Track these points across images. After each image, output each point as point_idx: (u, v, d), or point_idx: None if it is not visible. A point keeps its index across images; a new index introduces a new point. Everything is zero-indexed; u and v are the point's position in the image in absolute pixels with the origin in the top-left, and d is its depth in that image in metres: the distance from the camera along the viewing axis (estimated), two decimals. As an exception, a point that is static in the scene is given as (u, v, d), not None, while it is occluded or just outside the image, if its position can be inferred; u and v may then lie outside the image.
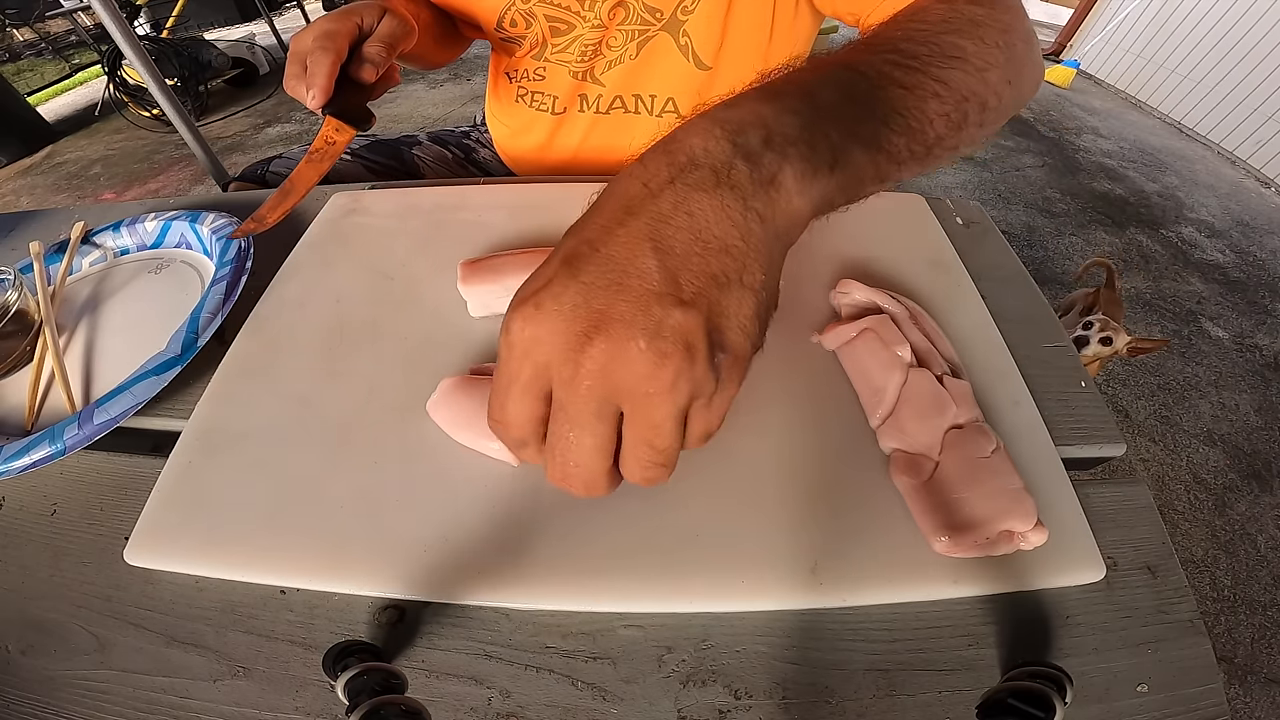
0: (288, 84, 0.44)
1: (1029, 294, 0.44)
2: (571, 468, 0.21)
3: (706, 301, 0.19)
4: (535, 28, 0.54)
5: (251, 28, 3.50)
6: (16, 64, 3.34)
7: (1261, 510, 1.22)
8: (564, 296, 0.19)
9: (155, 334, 0.38)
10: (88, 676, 0.27)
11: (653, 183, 0.20)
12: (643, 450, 0.20)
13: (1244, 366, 1.54)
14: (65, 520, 0.32)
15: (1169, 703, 0.26)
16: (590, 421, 0.20)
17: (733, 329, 0.19)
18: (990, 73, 0.30)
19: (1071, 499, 0.31)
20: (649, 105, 0.59)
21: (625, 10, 0.52)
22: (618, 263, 0.19)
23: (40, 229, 0.52)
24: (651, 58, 0.55)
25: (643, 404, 0.19)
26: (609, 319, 0.18)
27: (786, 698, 0.26)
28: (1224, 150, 2.53)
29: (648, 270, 0.19)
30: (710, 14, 0.51)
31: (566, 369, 0.19)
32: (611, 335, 0.18)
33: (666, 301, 0.18)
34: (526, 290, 0.20)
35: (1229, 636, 1.03)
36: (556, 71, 0.58)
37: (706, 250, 0.19)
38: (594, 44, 0.54)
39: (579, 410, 0.20)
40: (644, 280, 0.19)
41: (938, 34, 0.30)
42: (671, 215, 0.19)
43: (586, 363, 0.19)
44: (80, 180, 2.36)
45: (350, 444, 0.33)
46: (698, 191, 0.20)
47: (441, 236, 0.46)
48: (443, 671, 0.27)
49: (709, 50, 0.54)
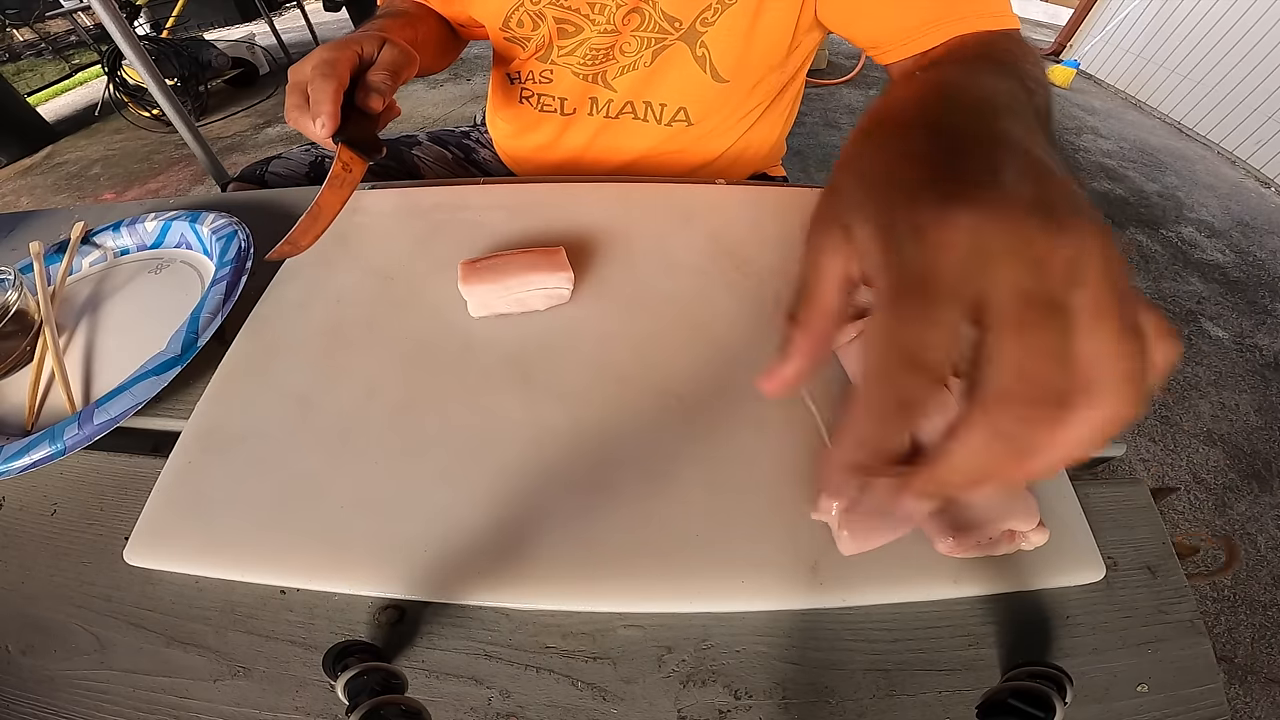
0: (290, 116, 0.43)
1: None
2: (1048, 391, 0.15)
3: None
4: (543, 29, 0.54)
5: (251, 28, 3.51)
6: (16, 64, 3.34)
7: (1261, 510, 1.22)
8: (1000, 185, 0.18)
9: (155, 334, 0.38)
10: (88, 676, 0.27)
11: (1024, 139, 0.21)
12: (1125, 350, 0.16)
13: (1244, 366, 1.54)
14: (65, 520, 0.32)
15: (1169, 703, 0.26)
16: (1063, 292, 0.16)
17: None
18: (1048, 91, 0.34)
19: (1072, 499, 0.31)
20: (658, 114, 0.59)
21: (641, 17, 0.51)
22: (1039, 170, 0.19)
23: (40, 229, 0.52)
24: (666, 66, 0.55)
25: (1109, 286, 0.16)
26: (1050, 201, 0.17)
27: (786, 698, 0.26)
28: (1224, 150, 2.53)
29: (1053, 180, 0.18)
30: (732, 27, 0.51)
31: (1029, 248, 0.16)
32: (1059, 213, 0.17)
33: (1069, 188, 0.18)
34: (899, 182, 0.19)
35: (1229, 636, 1.03)
36: (563, 74, 0.58)
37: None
38: (604, 48, 0.54)
39: (1054, 294, 0.16)
40: (1053, 188, 0.18)
41: (1023, 60, 0.35)
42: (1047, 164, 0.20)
43: (1048, 239, 0.16)
44: (80, 180, 2.36)
45: (350, 444, 0.33)
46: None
47: (441, 236, 0.46)
48: (443, 671, 0.27)
49: (728, 63, 0.53)
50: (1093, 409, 0.15)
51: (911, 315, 0.16)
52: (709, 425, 0.33)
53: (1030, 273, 0.16)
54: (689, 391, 0.35)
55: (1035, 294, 0.16)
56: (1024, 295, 0.16)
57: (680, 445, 0.32)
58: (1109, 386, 0.15)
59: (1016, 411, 0.15)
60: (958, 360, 0.16)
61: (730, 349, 0.37)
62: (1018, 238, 0.16)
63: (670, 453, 0.32)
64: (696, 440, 0.33)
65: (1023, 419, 0.15)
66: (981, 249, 0.16)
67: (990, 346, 0.16)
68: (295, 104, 0.42)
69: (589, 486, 0.31)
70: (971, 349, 0.16)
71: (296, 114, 0.42)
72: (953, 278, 0.16)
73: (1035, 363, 0.15)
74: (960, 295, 0.16)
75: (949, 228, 0.17)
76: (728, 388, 0.35)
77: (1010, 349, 0.16)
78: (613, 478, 0.31)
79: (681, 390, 0.35)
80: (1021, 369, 0.15)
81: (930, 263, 0.17)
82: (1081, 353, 0.15)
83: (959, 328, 0.16)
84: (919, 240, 0.17)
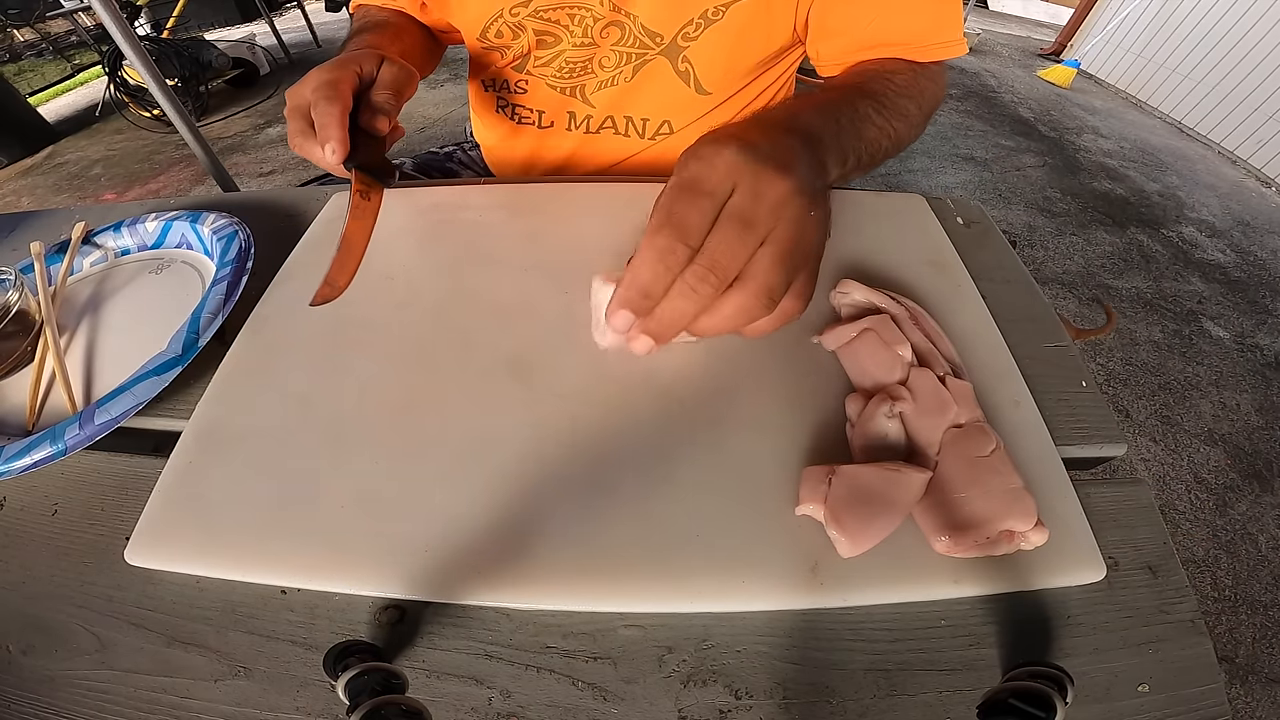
0: (294, 141, 0.41)
1: (1029, 294, 0.44)
2: (723, 258, 0.26)
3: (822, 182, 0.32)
4: (522, 39, 0.53)
5: (252, 28, 3.51)
6: (17, 64, 3.34)
7: (1262, 510, 1.22)
8: (762, 150, 0.28)
9: (156, 334, 0.38)
10: (88, 676, 0.27)
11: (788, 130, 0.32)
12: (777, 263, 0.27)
13: (1245, 366, 1.54)
14: (66, 520, 0.32)
15: (1170, 703, 0.26)
16: (765, 223, 0.27)
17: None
18: (914, 130, 0.46)
19: (1072, 499, 0.31)
20: (640, 128, 0.58)
21: (620, 31, 0.50)
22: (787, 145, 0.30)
23: (41, 229, 0.52)
24: (646, 81, 0.54)
25: (794, 232, 0.27)
26: (790, 171, 0.28)
27: (787, 698, 0.26)
28: (1224, 150, 2.53)
29: (804, 164, 0.30)
30: (715, 42, 0.50)
31: (758, 187, 0.27)
32: (790, 180, 0.27)
33: (814, 175, 0.30)
34: (718, 135, 0.29)
35: (1230, 636, 1.03)
36: (538, 85, 0.57)
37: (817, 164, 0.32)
38: (580, 61, 0.53)
39: (757, 213, 0.26)
40: (801, 168, 0.29)
41: (901, 96, 0.44)
42: (807, 154, 0.31)
43: (773, 189, 0.27)
44: (81, 180, 2.37)
45: (350, 444, 0.33)
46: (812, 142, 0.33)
47: (441, 236, 0.46)
48: (443, 671, 0.27)
49: (712, 77, 0.53)
50: (739, 293, 0.26)
51: (680, 199, 0.27)
52: (710, 425, 0.33)
53: (749, 199, 0.27)
54: (689, 392, 0.35)
55: (744, 211, 0.26)
56: (738, 209, 0.27)
57: (680, 445, 0.32)
58: (751, 287, 0.26)
59: (702, 270, 0.26)
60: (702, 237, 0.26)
61: (730, 349, 0.37)
62: (755, 178, 0.27)
63: (670, 453, 0.32)
64: (697, 440, 0.33)
65: (701, 276, 0.26)
66: (732, 175, 0.27)
67: (711, 233, 0.26)
68: (300, 130, 0.40)
69: (589, 486, 0.31)
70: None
71: (301, 140, 0.40)
72: (709, 185, 0.27)
73: (723, 247, 0.26)
74: (710, 195, 0.27)
75: (718, 158, 0.28)
76: (728, 388, 0.35)
77: (715, 234, 0.26)
78: (613, 478, 0.31)
79: (682, 391, 0.35)
80: (714, 247, 0.26)
81: (699, 173, 0.27)
82: (751, 257, 0.26)
83: (708, 214, 0.26)
84: (700, 160, 0.28)
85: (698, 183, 0.27)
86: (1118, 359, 1.54)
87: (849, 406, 0.34)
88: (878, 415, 0.32)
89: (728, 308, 0.27)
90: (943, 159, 2.40)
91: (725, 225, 0.26)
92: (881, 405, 0.32)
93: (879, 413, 0.32)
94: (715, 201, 0.27)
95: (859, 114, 0.40)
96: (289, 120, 0.41)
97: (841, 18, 0.48)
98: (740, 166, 0.27)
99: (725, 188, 0.27)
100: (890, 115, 0.42)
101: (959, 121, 2.68)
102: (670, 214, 0.27)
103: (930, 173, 2.30)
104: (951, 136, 2.55)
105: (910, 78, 0.46)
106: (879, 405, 0.32)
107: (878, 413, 0.32)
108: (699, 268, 0.26)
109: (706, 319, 0.27)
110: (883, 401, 0.32)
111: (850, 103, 0.40)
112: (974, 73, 3.17)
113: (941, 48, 0.47)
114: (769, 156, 0.28)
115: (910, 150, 2.42)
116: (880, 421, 0.32)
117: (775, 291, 0.27)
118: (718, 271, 0.26)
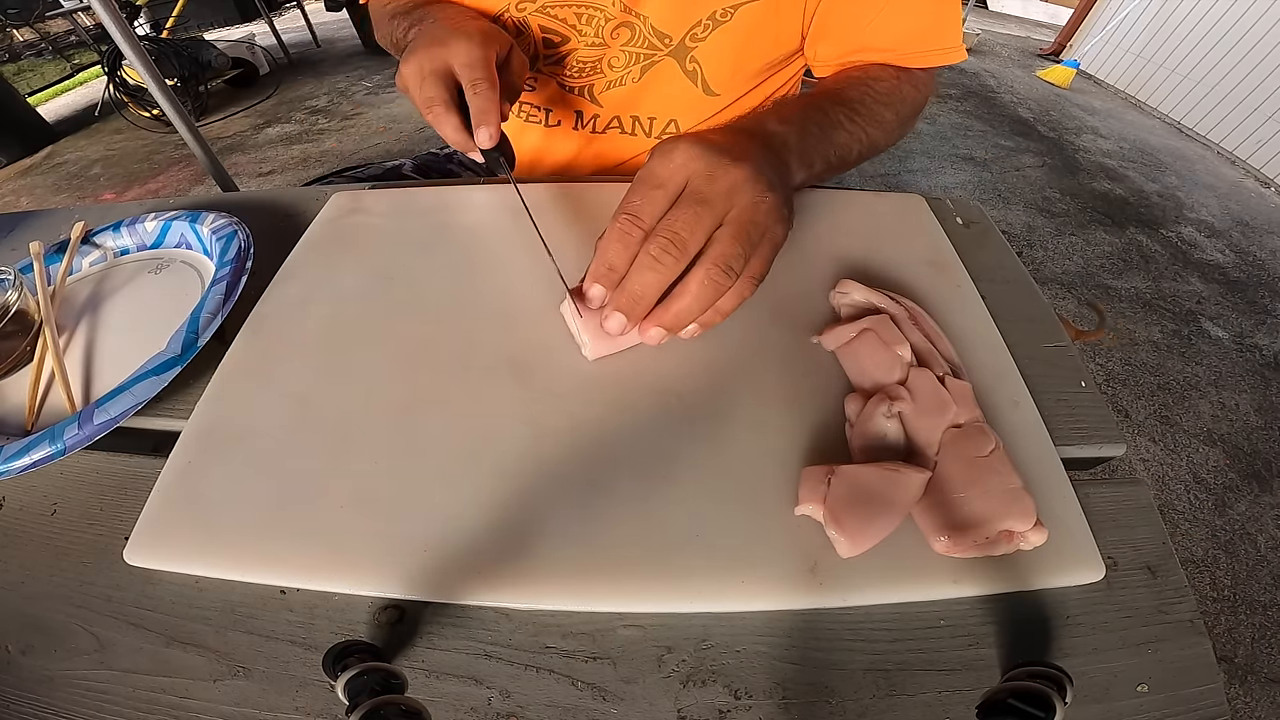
0: (434, 112, 0.38)
1: (1029, 294, 0.44)
2: (682, 231, 0.29)
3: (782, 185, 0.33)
4: (525, 37, 0.53)
5: (251, 28, 3.51)
6: (17, 64, 3.34)
7: (1262, 510, 1.23)
8: (717, 144, 0.31)
9: (155, 334, 0.37)
10: (88, 676, 0.27)
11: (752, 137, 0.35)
12: (733, 245, 0.30)
13: (1244, 366, 1.54)
14: (65, 520, 0.32)
15: (1169, 703, 0.26)
16: (720, 205, 0.29)
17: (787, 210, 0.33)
18: (890, 136, 0.48)
19: (1071, 499, 0.31)
20: (646, 127, 0.58)
21: (630, 31, 0.51)
22: (741, 145, 0.33)
23: (40, 229, 0.52)
24: (654, 82, 0.54)
25: (748, 214, 0.30)
26: (744, 161, 0.31)
27: (786, 698, 0.26)
28: (1224, 150, 2.53)
29: (761, 159, 0.33)
30: (723, 43, 0.50)
31: (712, 174, 0.30)
32: (743, 168, 0.30)
33: (772, 170, 0.33)
34: (679, 135, 0.33)
35: (1229, 636, 1.03)
36: (547, 83, 0.57)
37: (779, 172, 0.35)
38: (591, 61, 0.53)
39: (712, 195, 0.30)
40: (757, 160, 0.32)
41: (879, 103, 0.46)
42: (765, 152, 0.34)
43: (727, 176, 0.30)
44: (80, 180, 2.37)
45: (350, 444, 0.33)
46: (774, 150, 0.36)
47: (441, 236, 0.46)
48: (443, 671, 0.27)
49: (720, 78, 0.53)
50: (700, 267, 0.29)
51: (637, 188, 0.31)
52: (709, 425, 0.33)
53: (704, 183, 0.30)
54: (689, 392, 0.35)
55: (699, 193, 0.30)
56: (693, 191, 0.30)
57: (680, 445, 0.32)
58: (711, 256, 0.29)
59: (662, 242, 0.29)
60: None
61: (730, 349, 0.37)
62: (709, 166, 0.30)
63: (670, 453, 0.32)
64: (696, 440, 0.33)
65: (663, 247, 0.29)
66: (687, 165, 0.30)
67: (669, 213, 0.30)
68: (439, 99, 0.38)
69: (589, 486, 0.31)
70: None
71: (442, 110, 0.38)
72: (663, 176, 0.31)
73: (679, 222, 0.29)
74: (664, 184, 0.30)
75: (675, 151, 0.31)
76: (727, 388, 0.35)
77: (672, 213, 0.30)
78: (612, 478, 0.31)
79: (681, 390, 0.35)
80: (671, 222, 0.29)
81: (656, 167, 0.31)
82: (708, 238, 0.29)
83: (660, 201, 0.30)
84: (658, 154, 0.31)
85: (654, 174, 0.31)
86: (1117, 359, 1.54)
87: (848, 406, 0.34)
88: (877, 415, 0.32)
89: (693, 283, 0.29)
90: (942, 159, 2.40)
91: (682, 204, 0.30)
92: (881, 405, 0.32)
93: (878, 413, 0.32)
94: (669, 190, 0.30)
95: (830, 120, 0.42)
96: (427, 84, 0.38)
97: (841, 20, 0.48)
98: (696, 157, 0.30)
99: (680, 177, 0.30)
100: (864, 122, 0.44)
101: (958, 122, 2.68)
102: (629, 201, 0.31)
103: (930, 173, 2.31)
104: (951, 137, 2.55)
105: (892, 84, 0.47)
106: (878, 405, 0.32)
107: (877, 413, 0.32)
108: (660, 239, 0.29)
109: (676, 301, 0.30)
110: (882, 401, 0.32)
111: (822, 109, 0.42)
112: (973, 73, 3.17)
113: (940, 54, 0.48)
114: (723, 149, 0.31)
115: (910, 150, 2.42)
116: (879, 421, 0.32)
117: (734, 263, 0.29)
118: (677, 243, 0.29)
